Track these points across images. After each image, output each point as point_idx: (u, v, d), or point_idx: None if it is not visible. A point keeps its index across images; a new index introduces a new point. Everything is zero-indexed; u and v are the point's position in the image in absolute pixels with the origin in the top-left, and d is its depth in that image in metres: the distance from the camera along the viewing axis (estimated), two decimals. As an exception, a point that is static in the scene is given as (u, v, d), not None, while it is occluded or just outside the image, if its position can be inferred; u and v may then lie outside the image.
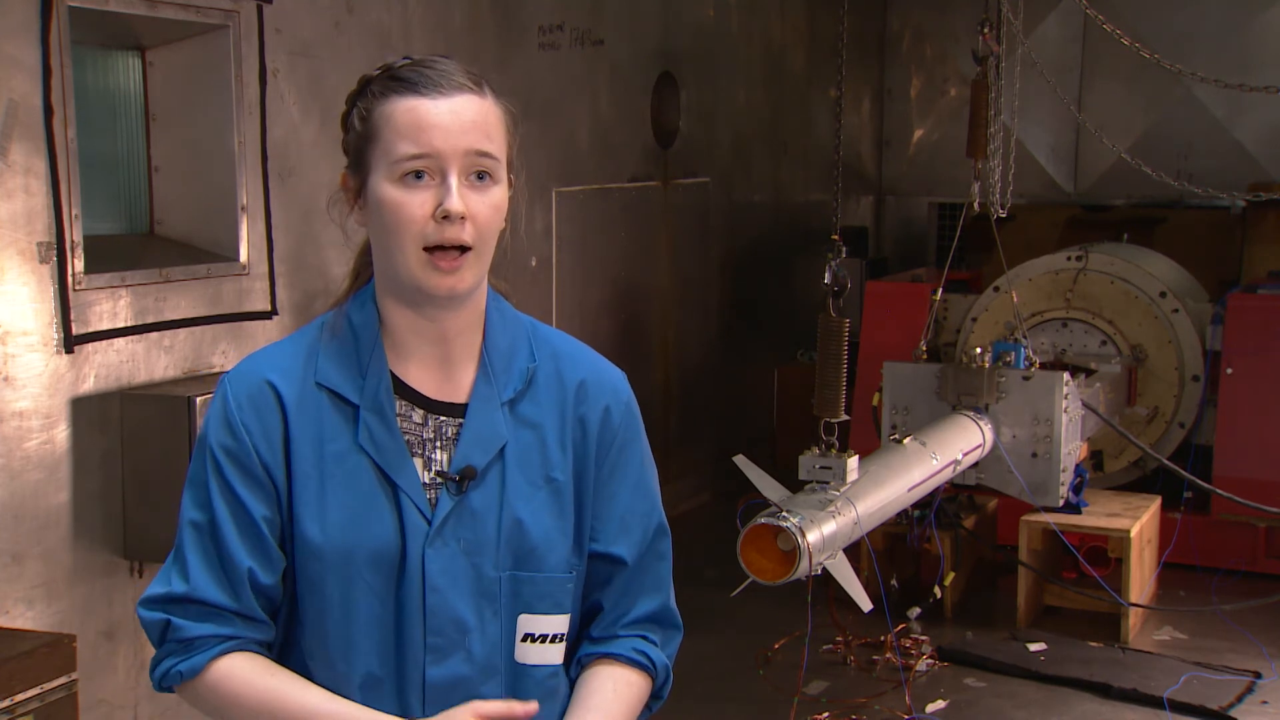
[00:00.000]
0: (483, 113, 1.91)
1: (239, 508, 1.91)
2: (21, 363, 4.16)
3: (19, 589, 4.17)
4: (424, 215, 1.87)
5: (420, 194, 1.87)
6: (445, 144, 1.87)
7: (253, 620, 1.93)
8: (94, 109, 4.66)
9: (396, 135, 1.88)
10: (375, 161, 1.90)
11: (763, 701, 5.49)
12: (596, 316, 7.38)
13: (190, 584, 1.91)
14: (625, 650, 2.04)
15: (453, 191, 1.87)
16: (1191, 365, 7.28)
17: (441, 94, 1.88)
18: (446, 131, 1.87)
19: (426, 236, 1.87)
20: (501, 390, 1.98)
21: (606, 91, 7.42)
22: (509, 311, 2.05)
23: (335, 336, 1.98)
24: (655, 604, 2.07)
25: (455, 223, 1.87)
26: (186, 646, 1.91)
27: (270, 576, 1.92)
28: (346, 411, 1.94)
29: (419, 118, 1.87)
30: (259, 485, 1.92)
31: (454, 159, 1.87)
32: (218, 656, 1.90)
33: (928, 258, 10.32)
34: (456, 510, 1.93)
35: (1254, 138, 9.57)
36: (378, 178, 1.90)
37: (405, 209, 1.87)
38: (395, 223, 1.88)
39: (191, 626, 1.90)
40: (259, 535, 1.91)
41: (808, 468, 4.75)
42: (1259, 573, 6.93)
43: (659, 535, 2.08)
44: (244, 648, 1.93)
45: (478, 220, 1.89)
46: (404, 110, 1.88)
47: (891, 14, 10.98)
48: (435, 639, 1.92)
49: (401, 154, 1.87)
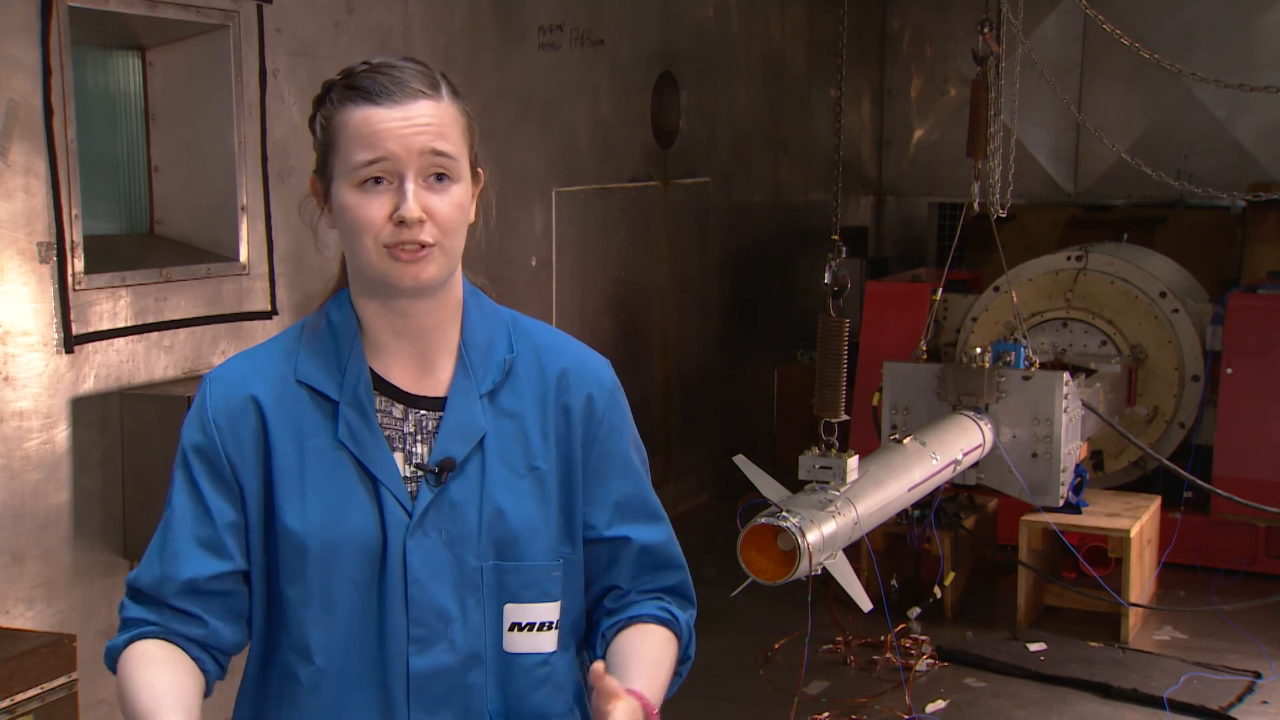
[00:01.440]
0: (437, 115, 1.92)
1: (198, 503, 1.96)
2: (21, 363, 4.16)
3: (19, 589, 4.17)
4: (381, 218, 1.90)
5: (378, 198, 1.90)
6: (400, 148, 1.89)
7: (182, 613, 1.95)
8: (94, 109, 4.66)
9: (351, 143, 1.90)
10: (336, 168, 1.93)
11: (763, 701, 5.49)
12: (596, 316, 7.38)
13: (138, 571, 1.99)
14: (650, 610, 2.06)
15: (408, 197, 1.89)
16: (1191, 365, 7.28)
17: (395, 102, 1.90)
18: (400, 137, 1.89)
19: (385, 238, 1.90)
20: (480, 382, 2.00)
21: (606, 91, 7.42)
22: (488, 305, 2.07)
23: (315, 335, 2.01)
24: (674, 579, 2.11)
25: (413, 226, 1.89)
26: (123, 625, 1.97)
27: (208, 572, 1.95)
28: (326, 408, 1.97)
29: (372, 125, 1.89)
30: (223, 485, 1.96)
31: (409, 162, 1.89)
32: (133, 640, 1.94)
33: (928, 258, 10.31)
34: (436, 502, 1.95)
35: (1254, 138, 9.57)
36: (339, 184, 1.93)
37: (363, 211, 1.90)
38: (355, 225, 1.91)
39: (130, 608, 1.97)
40: (212, 532, 1.95)
41: (808, 468, 4.75)
42: (1259, 573, 6.93)
43: (657, 516, 2.11)
44: (164, 636, 1.95)
45: (438, 219, 1.91)
46: (358, 119, 1.90)
47: (891, 14, 10.98)
48: (418, 629, 1.94)
49: (357, 161, 1.90)
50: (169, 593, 1.95)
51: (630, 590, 2.08)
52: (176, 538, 1.96)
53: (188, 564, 1.95)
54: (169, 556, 1.96)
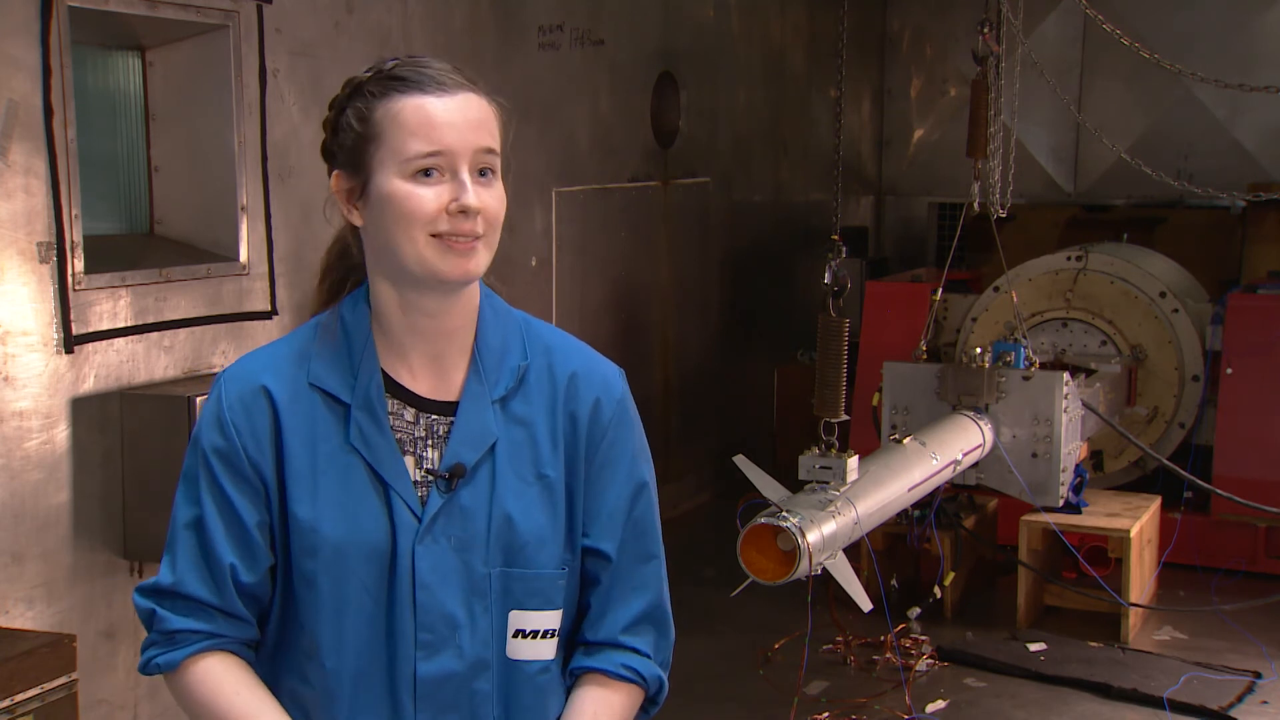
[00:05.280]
0: (484, 111, 1.94)
1: (226, 506, 1.94)
2: (21, 363, 4.16)
3: (19, 589, 4.17)
4: (437, 208, 1.89)
5: (433, 188, 1.89)
6: (457, 141, 1.89)
7: (234, 617, 1.95)
8: (94, 109, 4.66)
9: (406, 133, 1.89)
10: (381, 160, 1.91)
11: (763, 701, 5.48)
12: (596, 316, 7.38)
13: (176, 577, 1.95)
14: (613, 666, 2.04)
15: (468, 187, 1.89)
16: (1191, 365, 7.28)
17: (446, 92, 1.91)
18: (457, 129, 1.89)
19: (437, 226, 1.89)
20: (492, 388, 1.99)
21: (606, 91, 7.42)
22: (502, 308, 2.07)
23: (328, 337, 2.00)
24: (641, 605, 2.06)
25: (472, 217, 1.89)
26: (169, 639, 1.95)
27: (254, 575, 1.95)
28: (339, 411, 1.96)
29: (428, 116, 1.89)
30: (248, 485, 1.95)
31: (464, 156, 1.90)
32: (196, 655, 1.94)
33: (928, 258, 10.31)
34: (446, 508, 1.95)
35: (1254, 138, 9.57)
36: (385, 175, 1.90)
37: (417, 200, 1.88)
38: (406, 214, 1.89)
39: (174, 619, 1.94)
40: (245, 533, 1.94)
41: (808, 468, 4.75)
42: (1259, 573, 6.93)
43: (647, 534, 2.07)
44: (223, 647, 1.95)
45: (488, 212, 1.92)
46: (412, 108, 1.89)
47: (891, 14, 10.98)
48: (425, 635, 1.94)
49: (414, 152, 1.89)
50: (224, 599, 1.94)
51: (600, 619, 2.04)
52: (216, 542, 1.94)
53: (236, 569, 1.94)
54: (215, 562, 1.93)
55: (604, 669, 2.04)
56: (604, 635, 2.05)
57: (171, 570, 1.96)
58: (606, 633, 2.05)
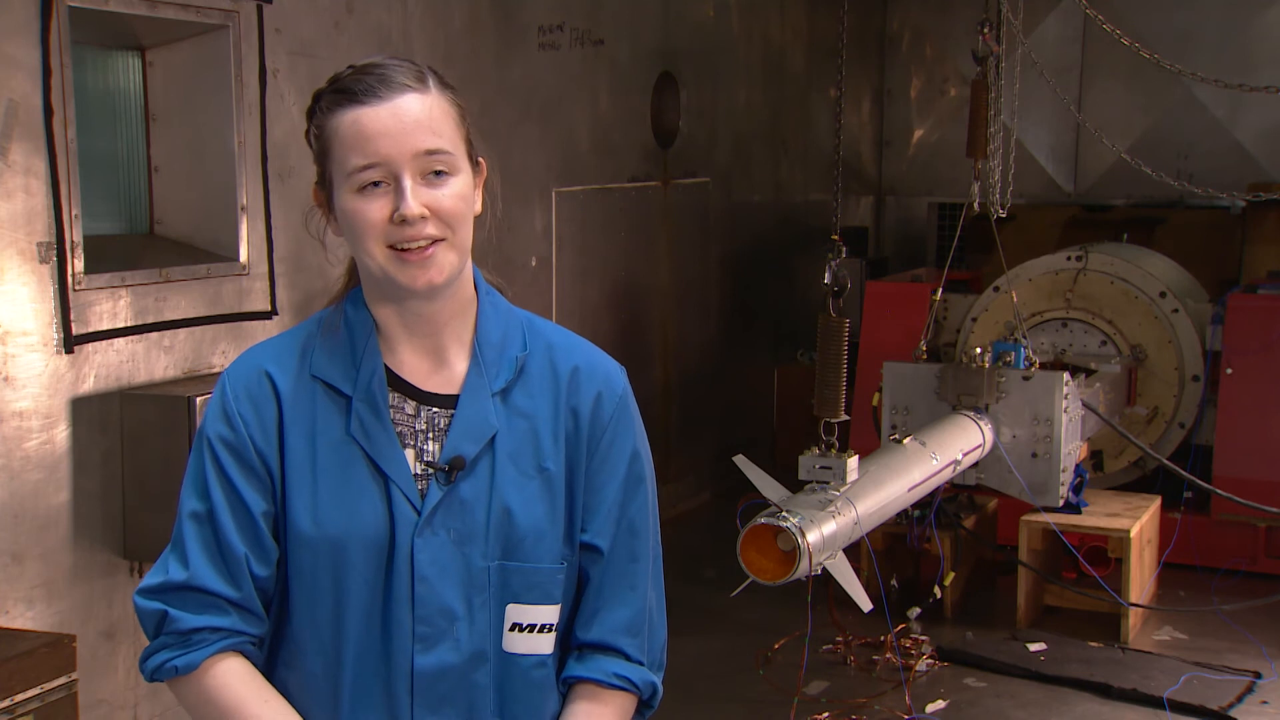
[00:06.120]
0: (426, 109, 1.91)
1: (236, 498, 1.94)
2: (21, 363, 4.16)
3: (19, 589, 4.17)
4: (382, 219, 1.90)
5: (378, 201, 1.90)
6: (393, 149, 1.89)
7: (249, 612, 1.95)
8: (94, 109, 4.66)
9: (345, 149, 1.90)
10: (334, 176, 1.93)
11: (763, 701, 5.48)
12: (596, 316, 7.38)
13: (190, 572, 1.93)
14: (604, 676, 2.03)
15: (406, 195, 1.88)
16: (1191, 365, 7.28)
17: (380, 99, 1.90)
18: (391, 137, 1.89)
19: (389, 237, 1.90)
20: (492, 380, 2.00)
21: (606, 91, 7.42)
22: (502, 304, 2.07)
23: (331, 331, 2.01)
24: (633, 605, 2.05)
25: (414, 224, 1.89)
26: (183, 640, 1.92)
27: (264, 567, 1.95)
28: (340, 403, 1.97)
29: (361, 128, 1.89)
30: (255, 477, 1.95)
31: (404, 163, 1.89)
32: (215, 655, 1.92)
33: (928, 258, 10.31)
34: (446, 500, 1.95)
35: (1254, 138, 9.57)
36: (339, 191, 1.93)
37: (364, 215, 1.90)
38: (358, 229, 1.91)
39: (189, 618, 1.92)
40: (254, 526, 1.94)
41: (808, 468, 4.75)
42: (1259, 573, 6.93)
43: (642, 532, 2.06)
44: (240, 647, 1.94)
45: (441, 212, 1.91)
46: (348, 123, 1.90)
47: (891, 14, 10.97)
48: (423, 628, 1.94)
49: (352, 166, 1.90)
50: (243, 593, 1.93)
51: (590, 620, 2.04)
52: (228, 534, 1.93)
53: (252, 562, 1.93)
54: (230, 554, 1.92)
55: (596, 679, 2.03)
56: (595, 636, 2.04)
57: (183, 566, 1.93)
58: (597, 633, 2.04)
